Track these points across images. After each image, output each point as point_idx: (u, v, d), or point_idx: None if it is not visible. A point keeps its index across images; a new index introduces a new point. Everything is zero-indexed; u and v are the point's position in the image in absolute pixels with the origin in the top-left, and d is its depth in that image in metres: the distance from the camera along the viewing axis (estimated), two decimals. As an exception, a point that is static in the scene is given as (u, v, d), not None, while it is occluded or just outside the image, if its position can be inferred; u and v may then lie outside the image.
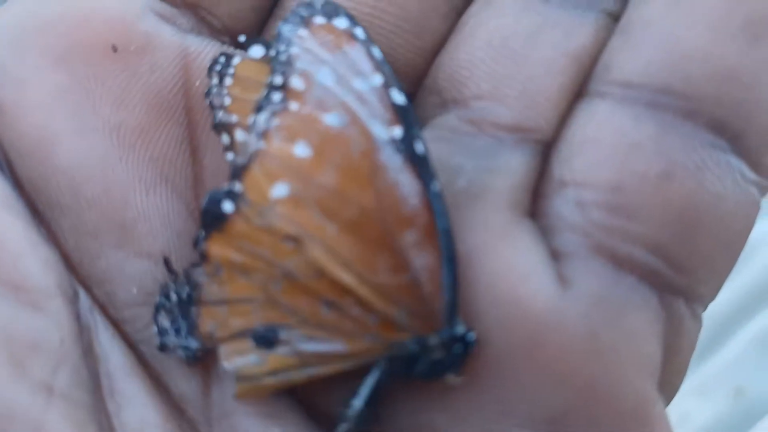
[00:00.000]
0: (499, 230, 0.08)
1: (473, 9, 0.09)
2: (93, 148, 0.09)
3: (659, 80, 0.08)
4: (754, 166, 0.08)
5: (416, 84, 0.10)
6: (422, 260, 0.08)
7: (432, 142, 0.09)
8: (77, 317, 0.08)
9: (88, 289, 0.09)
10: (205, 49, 0.09)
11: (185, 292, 0.09)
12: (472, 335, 0.08)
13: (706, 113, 0.08)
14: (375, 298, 0.08)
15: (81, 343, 0.08)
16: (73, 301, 0.09)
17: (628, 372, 0.08)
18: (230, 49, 0.10)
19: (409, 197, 0.08)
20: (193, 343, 0.09)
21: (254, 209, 0.08)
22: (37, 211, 0.09)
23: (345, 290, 0.08)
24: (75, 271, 0.09)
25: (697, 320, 0.09)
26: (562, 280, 0.08)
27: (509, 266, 0.08)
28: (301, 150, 0.08)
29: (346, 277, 0.08)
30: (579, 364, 0.08)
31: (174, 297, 0.09)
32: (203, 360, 0.09)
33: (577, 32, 0.09)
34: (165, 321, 0.09)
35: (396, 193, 0.08)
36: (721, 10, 0.08)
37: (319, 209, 0.08)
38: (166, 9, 0.09)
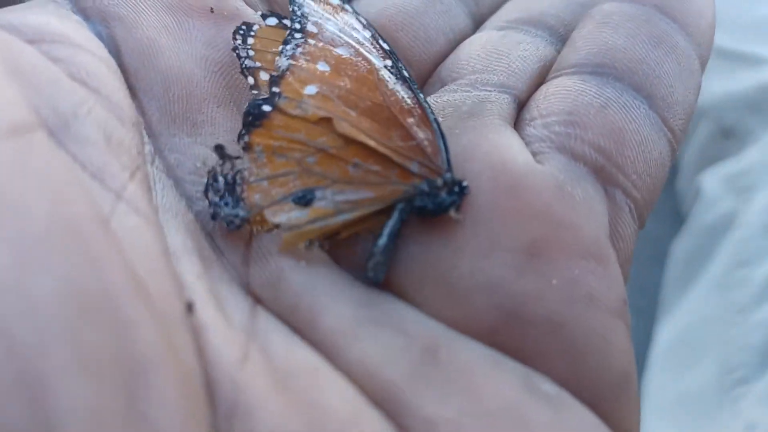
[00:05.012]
0: (492, 128, 0.11)
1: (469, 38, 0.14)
2: (185, 64, 0.11)
3: (596, 60, 0.12)
4: (664, 121, 0.12)
5: (424, 81, 0.13)
6: (423, 134, 0.11)
7: (437, 97, 0.12)
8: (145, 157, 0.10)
9: (161, 152, 0.11)
10: None
11: (230, 176, 0.11)
12: (465, 183, 0.10)
13: (628, 78, 0.12)
14: (393, 155, 0.10)
15: (145, 168, 0.10)
16: (143, 146, 0.10)
17: (585, 216, 0.11)
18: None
19: (405, 98, 0.11)
20: (241, 212, 0.10)
21: (291, 103, 0.11)
22: (133, 90, 0.11)
23: (368, 152, 0.10)
24: (154, 137, 0.11)
25: (634, 221, 0.11)
26: (536, 162, 0.11)
27: (499, 144, 0.11)
28: (322, 66, 0.11)
29: (370, 141, 0.10)
30: (549, 204, 0.10)
31: (221, 180, 0.11)
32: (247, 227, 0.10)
33: (543, 46, 0.13)
34: (215, 197, 0.10)
35: (396, 95, 0.11)
36: (633, 28, 0.12)
37: (341, 102, 0.11)
38: None
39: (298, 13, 0.12)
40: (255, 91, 0.11)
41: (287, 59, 0.11)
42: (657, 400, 0.31)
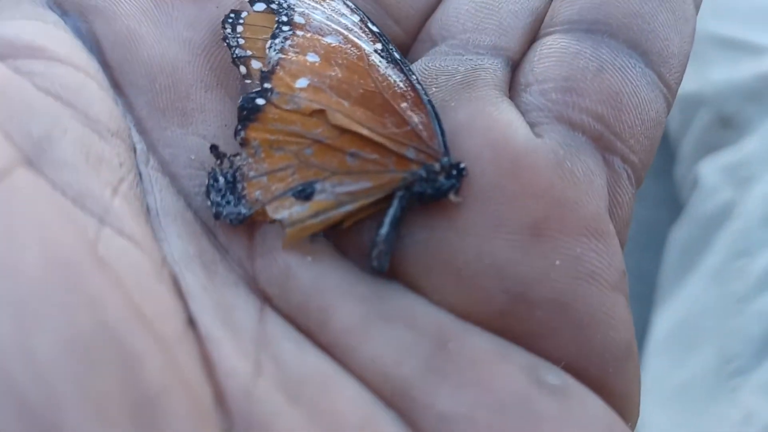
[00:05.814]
0: (488, 100, 0.11)
1: None
2: (168, 51, 0.11)
3: (591, 17, 0.12)
4: (660, 78, 0.12)
5: (413, 38, 0.13)
6: (417, 118, 0.11)
7: (428, 62, 0.12)
8: (134, 162, 0.10)
9: (154, 148, 0.10)
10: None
11: (230, 174, 0.10)
12: (463, 164, 0.10)
13: (623, 35, 0.11)
14: (389, 143, 0.10)
15: (135, 175, 0.10)
16: (132, 149, 0.10)
17: (585, 191, 0.10)
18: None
19: (398, 82, 0.11)
20: (243, 210, 0.10)
21: (283, 98, 0.11)
22: (119, 85, 0.11)
23: (364, 141, 0.10)
24: (146, 133, 0.11)
25: (631, 186, 0.11)
26: (535, 135, 0.11)
27: (498, 119, 0.11)
28: (312, 57, 0.11)
29: (364, 131, 0.10)
30: (550, 182, 0.10)
31: (221, 179, 0.10)
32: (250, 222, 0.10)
33: None
34: (216, 197, 0.10)
35: (388, 80, 0.11)
36: None
37: (333, 92, 0.11)
38: None
39: (284, 5, 0.12)
40: (248, 81, 0.11)
41: (276, 53, 0.11)
42: (654, 389, 0.31)
